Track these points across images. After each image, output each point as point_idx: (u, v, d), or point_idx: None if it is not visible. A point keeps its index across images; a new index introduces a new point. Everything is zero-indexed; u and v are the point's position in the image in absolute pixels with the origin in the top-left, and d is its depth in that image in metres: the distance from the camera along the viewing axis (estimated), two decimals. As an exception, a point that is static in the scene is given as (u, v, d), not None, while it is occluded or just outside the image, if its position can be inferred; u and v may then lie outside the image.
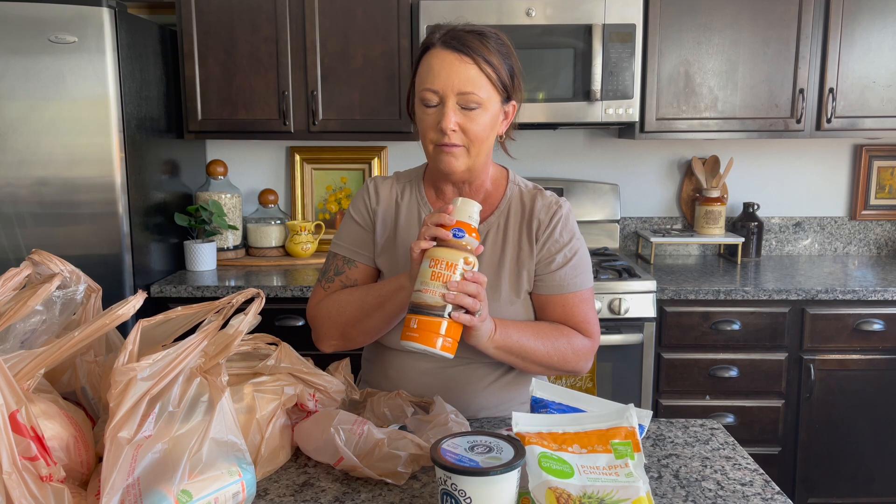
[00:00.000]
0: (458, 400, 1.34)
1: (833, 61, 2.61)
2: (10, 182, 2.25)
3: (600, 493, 0.84)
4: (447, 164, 1.27)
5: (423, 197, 1.40)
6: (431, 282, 1.09)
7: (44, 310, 1.01)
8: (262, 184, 3.05)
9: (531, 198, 1.37)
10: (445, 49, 1.22)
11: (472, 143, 1.25)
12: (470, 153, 1.26)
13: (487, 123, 1.25)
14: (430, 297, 1.09)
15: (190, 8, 2.58)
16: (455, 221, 1.12)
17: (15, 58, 2.19)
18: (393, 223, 1.39)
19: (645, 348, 2.42)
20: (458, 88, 1.21)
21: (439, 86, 1.22)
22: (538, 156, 3.02)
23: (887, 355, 2.48)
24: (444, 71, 1.22)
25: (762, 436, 2.51)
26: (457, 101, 1.22)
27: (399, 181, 1.43)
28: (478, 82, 1.22)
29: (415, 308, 1.10)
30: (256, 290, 1.09)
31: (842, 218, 3.07)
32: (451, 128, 1.22)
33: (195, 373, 0.95)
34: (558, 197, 1.38)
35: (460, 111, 1.23)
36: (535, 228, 1.34)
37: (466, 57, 1.21)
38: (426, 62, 1.25)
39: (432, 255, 1.11)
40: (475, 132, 1.24)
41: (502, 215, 1.36)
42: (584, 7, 2.51)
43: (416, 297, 1.10)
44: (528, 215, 1.35)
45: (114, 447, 0.83)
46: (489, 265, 1.34)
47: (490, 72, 1.23)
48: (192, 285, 2.45)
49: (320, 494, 1.03)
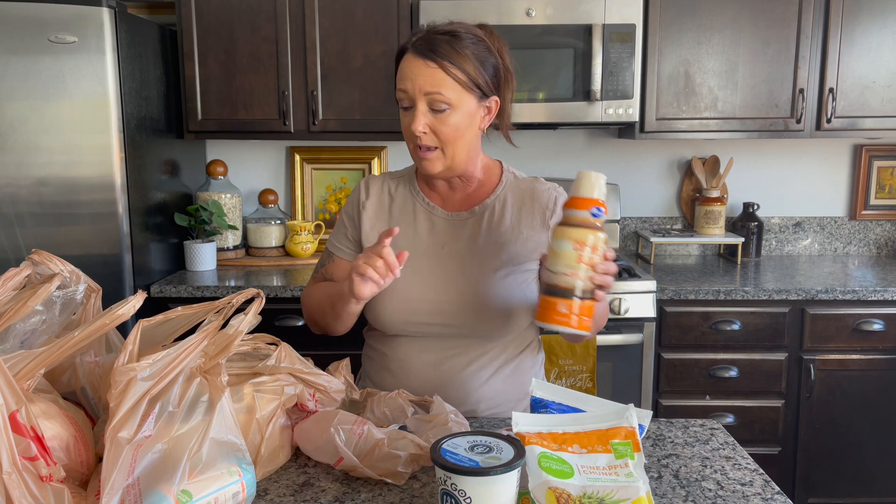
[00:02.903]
0: (460, 389, 1.37)
1: (833, 61, 2.61)
2: (10, 182, 2.25)
3: (600, 493, 0.84)
4: (425, 168, 1.34)
5: (417, 190, 1.44)
6: (579, 265, 1.09)
7: (44, 310, 1.01)
8: (262, 184, 3.05)
9: (529, 183, 1.43)
10: (414, 54, 1.28)
11: (445, 143, 1.30)
12: (445, 153, 1.31)
13: (460, 123, 1.29)
14: (582, 282, 1.09)
15: (190, 8, 2.58)
16: (593, 199, 1.12)
17: (15, 58, 2.19)
18: (387, 215, 1.44)
19: (645, 348, 2.42)
20: (424, 90, 1.26)
21: (408, 88, 1.28)
22: (538, 156, 3.02)
23: (887, 355, 2.48)
24: (410, 75, 1.27)
25: (762, 436, 2.51)
26: (426, 103, 1.27)
27: (392, 177, 1.48)
28: (444, 84, 1.26)
29: (564, 292, 1.09)
30: (256, 290, 1.09)
31: (842, 218, 3.07)
32: (420, 130, 1.28)
33: (195, 373, 0.95)
34: (553, 183, 1.45)
35: (430, 113, 1.28)
36: (540, 213, 1.39)
37: (431, 62, 1.26)
38: (400, 67, 1.31)
39: (576, 237, 1.09)
40: (445, 133, 1.29)
41: (498, 199, 1.41)
42: (583, 7, 2.51)
43: (562, 280, 1.10)
44: (528, 199, 1.40)
45: (114, 447, 0.83)
46: (486, 244, 1.38)
47: (457, 73, 1.26)
48: (192, 285, 2.45)
49: (320, 494, 1.03)
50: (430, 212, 1.41)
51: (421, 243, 1.39)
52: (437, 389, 1.36)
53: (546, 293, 1.12)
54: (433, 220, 1.41)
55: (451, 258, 1.38)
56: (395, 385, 1.39)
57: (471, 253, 1.37)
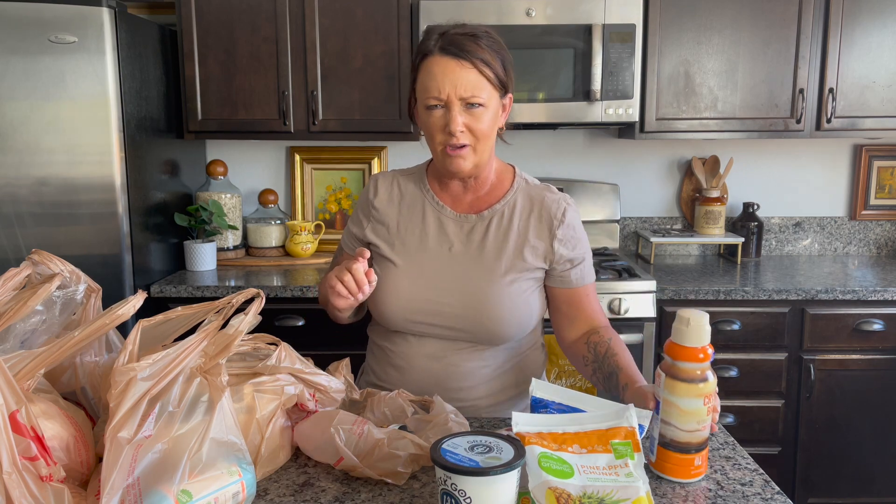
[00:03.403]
0: (462, 386, 1.38)
1: (833, 61, 2.61)
2: (10, 182, 2.25)
3: (600, 493, 0.84)
4: (456, 166, 1.33)
5: (427, 188, 1.44)
6: (708, 417, 1.05)
7: (44, 310, 1.01)
8: (262, 184, 3.05)
9: (539, 191, 1.43)
10: (444, 56, 1.28)
11: (479, 140, 1.32)
12: (476, 151, 1.33)
13: (490, 120, 1.32)
14: (707, 432, 1.06)
15: (190, 8, 2.58)
16: (707, 345, 1.05)
17: (15, 58, 2.19)
18: (396, 211, 1.44)
19: (645, 348, 2.42)
20: (461, 93, 1.28)
21: (444, 93, 1.28)
22: (538, 156, 3.02)
23: (887, 355, 2.48)
24: (446, 78, 1.27)
25: (762, 436, 2.51)
26: (461, 103, 1.28)
27: (402, 174, 1.49)
28: (479, 85, 1.28)
29: (699, 447, 1.05)
30: (256, 290, 1.09)
31: (842, 218, 3.07)
32: (459, 130, 1.29)
33: (195, 373, 0.95)
34: (563, 193, 1.45)
35: (465, 112, 1.29)
36: (547, 222, 1.39)
37: (466, 62, 1.27)
38: (426, 69, 1.30)
39: (705, 393, 1.03)
40: (480, 130, 1.31)
41: (508, 204, 1.41)
42: (583, 7, 2.51)
43: (696, 437, 1.05)
44: (537, 207, 1.41)
45: (114, 447, 0.83)
46: (493, 248, 1.38)
47: (488, 72, 1.29)
48: (192, 285, 2.45)
49: (320, 494, 1.03)
50: (440, 211, 1.42)
51: (428, 242, 1.40)
52: (440, 385, 1.36)
53: (677, 451, 1.05)
54: (442, 220, 1.41)
55: (458, 260, 1.38)
56: (398, 380, 1.40)
57: (477, 256, 1.38)
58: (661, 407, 1.06)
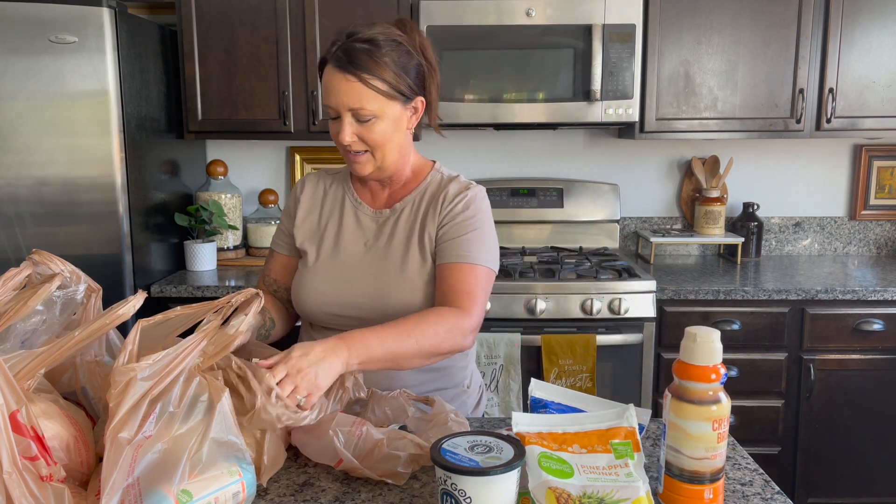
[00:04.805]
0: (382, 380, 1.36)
1: (833, 61, 2.61)
2: (10, 182, 2.25)
3: (600, 493, 0.84)
4: (356, 170, 1.38)
5: (349, 187, 1.49)
6: (720, 444, 0.95)
7: (44, 310, 1.01)
8: (262, 184, 3.05)
9: (448, 181, 1.44)
10: (334, 67, 1.31)
11: (374, 148, 1.34)
12: (375, 157, 1.36)
13: (386, 129, 1.33)
14: (720, 461, 0.96)
15: (190, 8, 2.58)
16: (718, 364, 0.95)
17: (15, 58, 2.19)
18: (318, 209, 1.48)
19: (645, 348, 2.42)
20: (347, 105, 1.30)
21: (332, 103, 1.31)
22: (538, 156, 3.02)
23: (887, 355, 2.48)
24: (333, 90, 1.30)
25: (762, 436, 2.51)
26: (350, 115, 1.31)
27: (329, 174, 1.54)
28: (366, 97, 1.29)
29: (711, 477, 0.95)
30: (256, 291, 1.09)
31: (842, 218, 3.07)
32: (347, 140, 1.31)
33: (195, 373, 0.95)
34: (475, 184, 1.45)
35: (356, 123, 1.31)
36: (440, 202, 1.40)
37: (351, 76, 1.29)
38: (324, 77, 1.34)
39: (715, 417, 0.93)
40: (373, 140, 1.33)
41: (419, 194, 1.44)
42: (583, 7, 2.51)
43: (705, 465, 0.95)
44: (438, 196, 1.42)
45: (114, 447, 0.83)
46: (400, 240, 1.41)
47: (378, 84, 1.29)
48: (192, 285, 2.45)
49: (320, 494, 1.03)
50: (357, 208, 1.46)
51: (346, 238, 1.44)
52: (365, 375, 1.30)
53: (686, 481, 0.95)
54: (359, 217, 1.45)
55: (370, 254, 1.41)
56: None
57: (387, 249, 1.41)
58: (668, 432, 0.97)
